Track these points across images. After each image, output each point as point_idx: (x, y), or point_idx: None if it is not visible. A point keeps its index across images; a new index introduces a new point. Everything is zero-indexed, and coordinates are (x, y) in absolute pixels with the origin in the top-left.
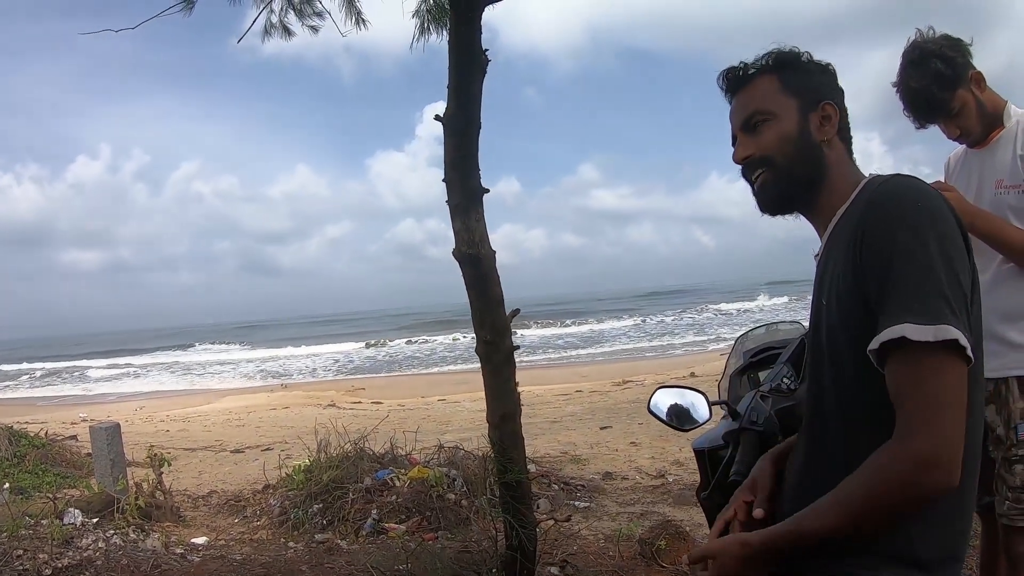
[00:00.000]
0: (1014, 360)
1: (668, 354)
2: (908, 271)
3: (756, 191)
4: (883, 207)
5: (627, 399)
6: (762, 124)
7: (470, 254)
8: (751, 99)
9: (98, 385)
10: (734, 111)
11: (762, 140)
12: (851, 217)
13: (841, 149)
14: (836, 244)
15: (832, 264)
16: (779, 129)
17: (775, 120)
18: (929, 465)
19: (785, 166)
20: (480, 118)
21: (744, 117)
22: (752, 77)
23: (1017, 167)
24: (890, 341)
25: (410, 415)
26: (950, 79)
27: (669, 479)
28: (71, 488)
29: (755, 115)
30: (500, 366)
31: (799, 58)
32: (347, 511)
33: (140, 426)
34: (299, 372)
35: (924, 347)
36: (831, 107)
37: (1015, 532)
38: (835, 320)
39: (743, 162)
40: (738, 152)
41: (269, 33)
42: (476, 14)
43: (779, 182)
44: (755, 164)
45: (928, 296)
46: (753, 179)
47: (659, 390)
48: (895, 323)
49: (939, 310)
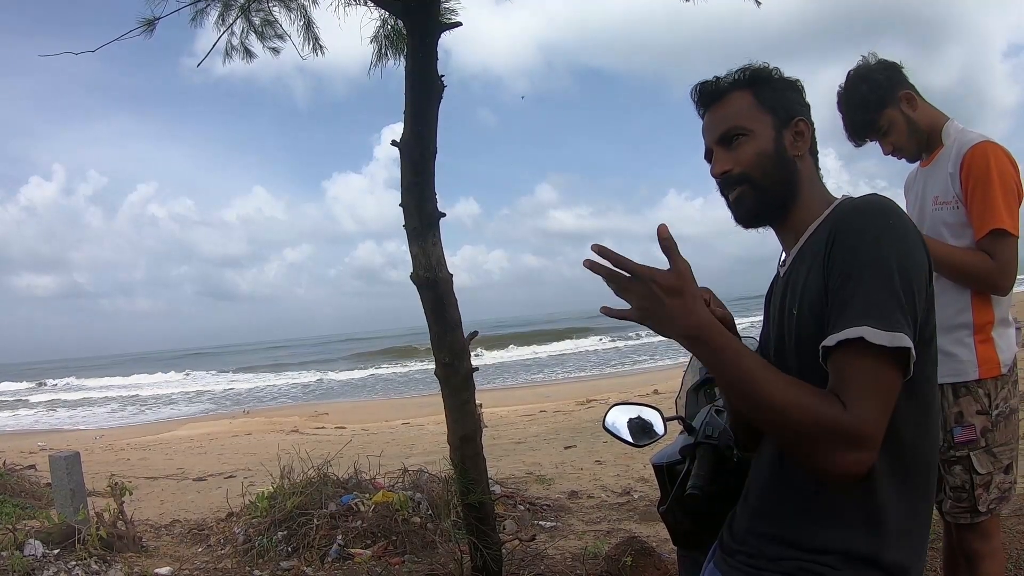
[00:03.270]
0: (947, 368)
1: (631, 372)
2: (870, 279)
3: (733, 205)
4: (854, 220)
5: (591, 418)
6: (739, 140)
7: (427, 277)
8: (727, 114)
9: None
10: (709, 125)
11: (740, 156)
12: (823, 231)
13: (811, 164)
14: (807, 257)
15: (803, 275)
16: (756, 145)
17: (752, 137)
18: (850, 437)
19: (762, 182)
20: (436, 143)
21: (721, 132)
22: (727, 92)
23: (948, 184)
24: (847, 340)
25: (374, 439)
26: (875, 101)
27: (634, 496)
28: (31, 519)
29: (732, 131)
30: (459, 388)
31: (772, 74)
32: (312, 537)
33: (100, 455)
34: (261, 398)
35: (877, 349)
36: (803, 123)
37: (963, 529)
38: (810, 327)
39: (721, 177)
40: (716, 167)
41: (229, 55)
42: (432, 40)
43: (757, 198)
44: (734, 180)
45: (887, 305)
46: (730, 193)
47: (614, 407)
48: (854, 325)
49: (897, 320)
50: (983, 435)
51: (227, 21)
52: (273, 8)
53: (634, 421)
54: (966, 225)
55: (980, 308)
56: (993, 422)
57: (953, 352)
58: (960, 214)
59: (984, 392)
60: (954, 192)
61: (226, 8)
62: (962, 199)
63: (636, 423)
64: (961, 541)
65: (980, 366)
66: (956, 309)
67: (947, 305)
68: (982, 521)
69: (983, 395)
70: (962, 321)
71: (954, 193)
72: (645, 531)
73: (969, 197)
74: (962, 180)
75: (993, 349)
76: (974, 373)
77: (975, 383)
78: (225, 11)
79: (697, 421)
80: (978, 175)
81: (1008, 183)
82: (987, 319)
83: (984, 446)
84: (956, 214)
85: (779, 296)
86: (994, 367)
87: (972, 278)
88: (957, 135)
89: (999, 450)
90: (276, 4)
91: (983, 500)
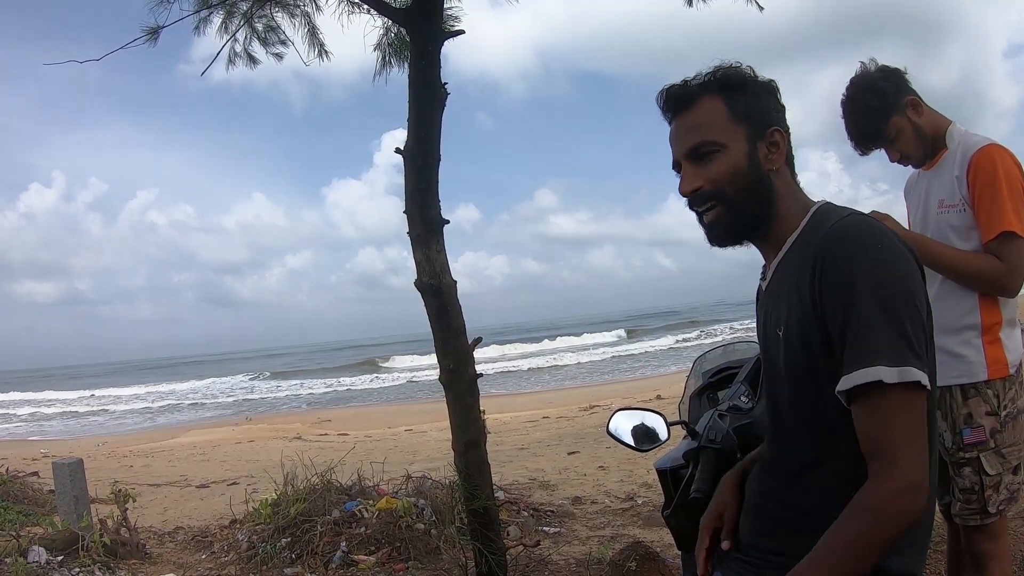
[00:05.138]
0: (956, 370)
1: (634, 377)
2: (873, 312)
3: (706, 225)
4: (841, 246)
5: (594, 424)
6: (710, 155)
7: (431, 284)
8: (697, 126)
9: (59, 420)
10: (677, 135)
11: (711, 172)
12: (804, 247)
13: (787, 174)
14: (787, 274)
15: (785, 295)
16: (729, 161)
17: (724, 152)
18: (911, 490)
19: (736, 200)
20: (439, 150)
21: (691, 146)
22: (696, 97)
23: (954, 187)
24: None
25: (377, 446)
26: (882, 109)
27: (638, 501)
28: (34, 526)
29: (702, 145)
30: (463, 394)
31: (745, 78)
32: (316, 544)
33: (103, 462)
34: (264, 404)
35: (893, 387)
36: (779, 133)
37: (972, 531)
38: (796, 349)
39: (692, 195)
40: (685, 184)
41: (233, 61)
42: (435, 48)
43: (730, 217)
44: (705, 197)
45: (893, 338)
46: (702, 211)
47: (617, 412)
48: (867, 365)
49: (904, 353)
50: (992, 436)
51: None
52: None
53: (638, 426)
54: (972, 228)
55: (988, 309)
56: (1002, 423)
57: (961, 353)
58: (967, 217)
59: (993, 393)
60: (960, 195)
61: (229, 15)
62: (969, 202)
63: (640, 428)
64: (970, 543)
65: (989, 367)
66: (964, 310)
67: (954, 307)
68: (991, 522)
69: (992, 396)
70: (970, 322)
71: (960, 196)
72: (649, 536)
73: (976, 200)
74: (969, 183)
75: (1001, 350)
76: (983, 374)
77: (984, 384)
78: (228, 18)
79: (700, 425)
80: (985, 178)
81: (1015, 185)
82: (995, 320)
83: (993, 447)
84: (962, 217)
85: (763, 310)
86: (1002, 368)
87: (981, 281)
88: (961, 138)
89: (1008, 451)
90: (279, 10)
91: (993, 501)
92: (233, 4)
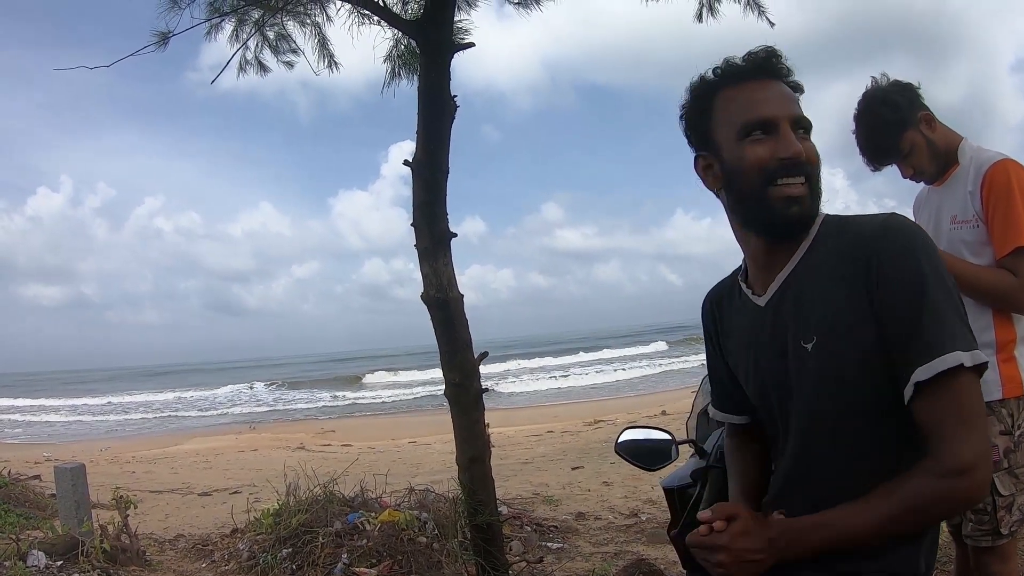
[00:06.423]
0: None
1: (639, 393)
2: (942, 300)
3: (787, 196)
4: (899, 240)
5: (598, 439)
6: (808, 134)
7: (438, 298)
8: (798, 103)
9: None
10: (778, 95)
11: (810, 150)
12: (835, 252)
13: None
14: (813, 282)
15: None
16: (815, 149)
17: (810, 140)
18: (968, 473)
19: (817, 186)
20: (448, 163)
21: (798, 115)
22: (791, 80)
23: (967, 203)
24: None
25: (380, 457)
26: (897, 123)
27: (642, 518)
28: (34, 529)
29: (805, 122)
30: (469, 408)
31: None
32: (317, 555)
33: (105, 467)
34: (268, 413)
35: (968, 371)
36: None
37: (982, 553)
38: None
39: (795, 159)
40: (795, 145)
41: (243, 69)
42: (445, 59)
43: (812, 199)
44: (801, 168)
45: (962, 323)
46: (786, 183)
47: (626, 430)
48: (946, 352)
49: (970, 338)
50: (1006, 456)
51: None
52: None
53: (646, 444)
54: (986, 244)
55: (1002, 327)
56: (1016, 442)
57: None
58: (980, 233)
59: (1007, 412)
60: (974, 211)
61: (240, 23)
62: (982, 217)
63: (648, 446)
64: (979, 565)
65: (1003, 385)
66: (978, 328)
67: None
68: (1002, 544)
69: (1006, 415)
70: (984, 340)
71: (974, 211)
72: (653, 553)
73: (990, 215)
74: (983, 198)
75: (1016, 368)
76: (997, 393)
77: (998, 403)
78: (239, 26)
79: (708, 444)
80: (1000, 193)
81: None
82: (1009, 337)
83: (1007, 467)
84: (976, 233)
85: (767, 328)
86: (1017, 386)
87: (996, 297)
88: (973, 154)
89: (1021, 471)
90: (290, 19)
91: (1005, 522)
92: (245, 12)
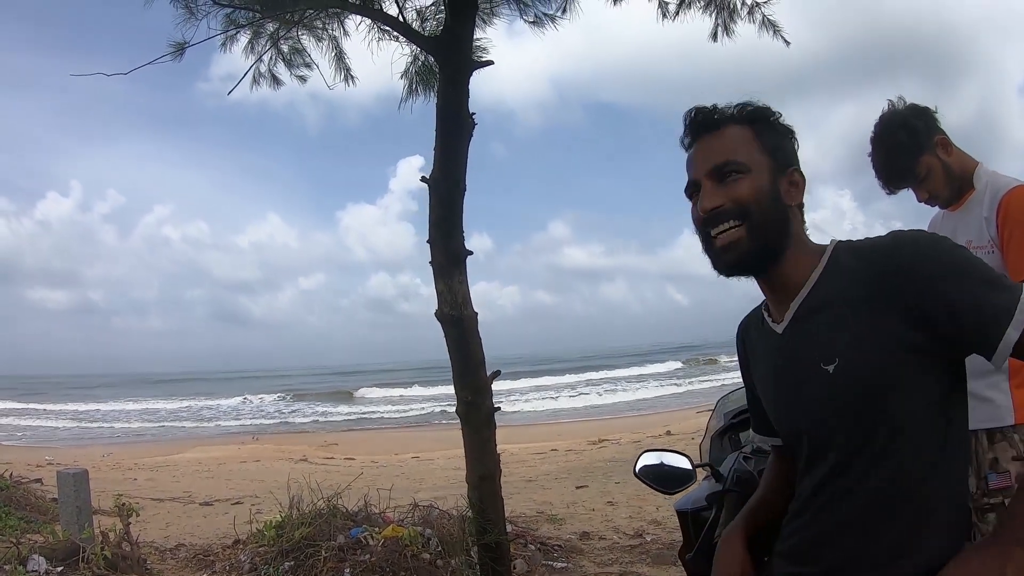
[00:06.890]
0: (984, 414)
1: (644, 412)
2: (981, 270)
3: (719, 248)
4: (914, 245)
5: (603, 458)
6: (735, 176)
7: (452, 315)
8: (723, 147)
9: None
10: (700, 154)
11: (735, 192)
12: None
13: (801, 219)
14: (830, 306)
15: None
16: (754, 184)
17: (749, 176)
18: None
19: (759, 222)
20: (465, 180)
21: (715, 164)
22: (725, 123)
23: (983, 228)
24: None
25: (383, 472)
26: (913, 147)
27: (647, 538)
28: (35, 533)
29: (728, 165)
30: (480, 427)
31: (774, 115)
32: (319, 570)
33: (107, 473)
34: (271, 424)
35: None
36: (798, 174)
37: None
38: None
39: (711, 212)
40: (707, 200)
41: (257, 81)
42: (464, 77)
43: (752, 238)
44: (726, 215)
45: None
46: (716, 233)
47: (644, 454)
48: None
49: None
50: (1019, 482)
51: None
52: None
53: (664, 467)
54: (1001, 270)
55: None
56: None
57: (989, 397)
58: (995, 259)
59: (1020, 438)
60: (989, 236)
61: (256, 36)
62: (998, 243)
63: (667, 470)
64: None
65: (1016, 411)
66: None
67: None
68: None
69: (1019, 441)
70: None
71: (989, 237)
72: (657, 574)
73: (1006, 242)
74: (998, 225)
75: None
76: (1010, 418)
77: (1011, 429)
78: (255, 39)
79: (725, 468)
80: (1015, 220)
81: None
82: None
83: None
84: (991, 259)
85: (785, 353)
86: None
87: None
88: (989, 179)
89: None
90: (306, 33)
91: None
92: (260, 25)
